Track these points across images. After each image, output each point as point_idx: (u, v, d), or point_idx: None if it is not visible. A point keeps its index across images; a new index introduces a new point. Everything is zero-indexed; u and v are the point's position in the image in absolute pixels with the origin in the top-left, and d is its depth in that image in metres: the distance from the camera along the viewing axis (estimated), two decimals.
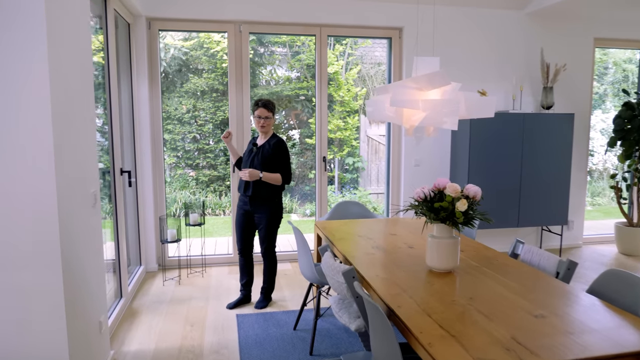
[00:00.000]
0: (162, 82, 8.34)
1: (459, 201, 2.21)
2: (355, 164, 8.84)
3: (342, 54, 8.69)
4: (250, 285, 3.84)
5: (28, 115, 1.95)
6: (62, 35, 2.11)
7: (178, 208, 8.05)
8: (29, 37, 1.91)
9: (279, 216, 3.69)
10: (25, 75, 1.93)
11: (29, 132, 1.96)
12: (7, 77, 1.92)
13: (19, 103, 1.94)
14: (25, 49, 1.91)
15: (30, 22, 1.91)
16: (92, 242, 2.56)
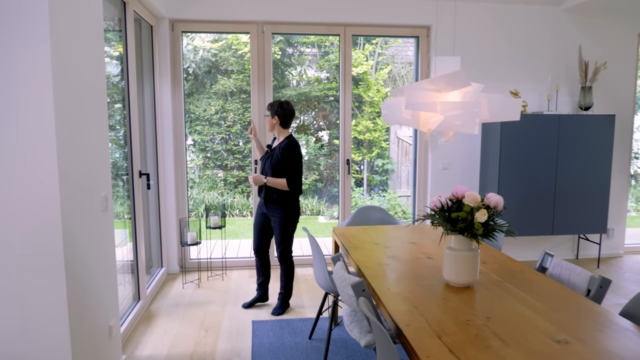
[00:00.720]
0: (192, 84, 8.42)
1: (479, 211, 2.05)
2: (384, 166, 8.67)
3: (372, 54, 8.53)
4: (266, 285, 3.81)
5: (30, 118, 1.93)
6: (69, 36, 2.08)
7: (205, 209, 8.10)
8: (31, 37, 1.88)
9: (293, 220, 3.60)
10: (26, 75, 1.90)
11: (30, 134, 1.94)
12: (9, 77, 1.90)
13: (20, 104, 1.91)
14: (27, 49, 1.89)
15: (33, 23, 1.88)
16: (103, 246, 2.54)
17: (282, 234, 3.58)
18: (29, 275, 2.01)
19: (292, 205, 3.58)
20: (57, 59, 1.95)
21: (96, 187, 2.44)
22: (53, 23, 1.92)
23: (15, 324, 2.03)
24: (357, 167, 8.94)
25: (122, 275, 3.68)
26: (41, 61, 1.90)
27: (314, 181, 8.67)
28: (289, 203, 3.56)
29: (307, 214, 8.36)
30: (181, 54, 4.50)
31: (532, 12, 4.69)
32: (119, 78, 3.51)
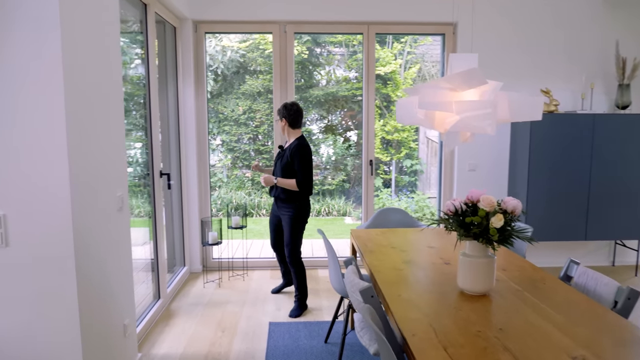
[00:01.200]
0: (221, 84, 8.52)
1: (495, 216, 1.95)
2: (413, 167, 8.52)
3: (401, 53, 8.39)
4: (289, 274, 4.08)
5: (40, 119, 1.95)
6: (83, 35, 2.10)
7: (232, 208, 8.16)
8: (42, 36, 1.91)
9: (302, 219, 3.65)
10: (36, 76, 1.93)
11: (40, 136, 1.96)
12: (19, 77, 1.93)
13: (29, 105, 1.94)
14: (37, 49, 1.91)
15: (45, 22, 1.90)
16: (118, 245, 2.56)
17: (290, 232, 3.63)
18: (40, 275, 2.04)
19: (300, 205, 3.61)
20: (68, 59, 1.97)
21: (111, 187, 2.46)
22: (64, 23, 1.94)
23: (26, 322, 2.06)
24: (386, 167, 8.82)
25: (145, 273, 3.73)
26: (51, 62, 1.92)
27: (341, 182, 8.61)
28: (298, 202, 3.60)
29: (334, 215, 8.31)
30: (204, 55, 4.53)
31: (565, 6, 4.49)
32: (146, 80, 3.55)
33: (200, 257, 4.64)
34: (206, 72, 4.55)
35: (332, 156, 8.64)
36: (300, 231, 3.66)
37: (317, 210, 8.29)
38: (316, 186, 8.57)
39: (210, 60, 7.89)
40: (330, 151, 8.74)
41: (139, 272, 3.79)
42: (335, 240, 6.49)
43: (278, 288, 4.10)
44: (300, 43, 8.08)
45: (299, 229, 3.65)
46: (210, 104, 8.22)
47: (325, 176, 8.74)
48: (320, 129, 8.85)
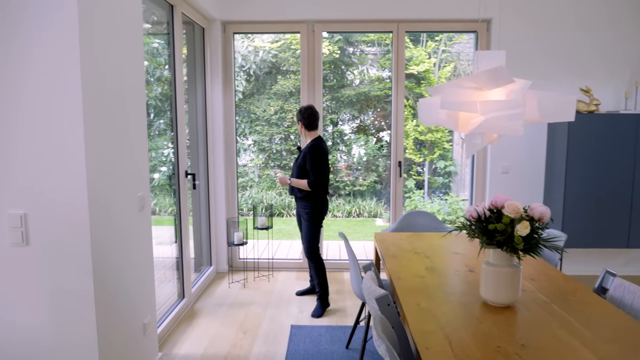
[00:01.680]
0: (253, 85, 8.57)
1: (520, 223, 1.83)
2: (447, 168, 8.32)
3: (435, 51, 8.20)
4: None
5: (58, 120, 1.97)
6: (102, 35, 2.11)
7: (263, 208, 8.20)
8: (60, 36, 1.93)
9: (318, 217, 3.73)
10: (55, 75, 1.95)
11: (57, 136, 1.98)
12: (37, 77, 1.95)
13: (48, 106, 1.96)
14: (55, 48, 1.93)
15: (63, 21, 1.92)
16: (139, 244, 2.57)
17: (307, 229, 3.74)
18: (58, 273, 2.06)
19: (316, 203, 3.70)
20: (86, 59, 1.99)
21: (132, 187, 2.47)
22: (83, 22, 1.95)
23: (44, 320, 2.09)
24: (419, 168, 8.66)
25: (172, 272, 3.77)
26: (69, 63, 1.94)
27: (373, 182, 8.50)
28: (313, 200, 3.70)
29: (365, 216, 8.21)
30: (232, 55, 4.54)
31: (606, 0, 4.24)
32: (172, 80, 3.58)
33: (226, 257, 4.65)
34: (237, 73, 4.59)
35: (363, 157, 8.55)
36: (317, 228, 3.76)
37: (347, 211, 8.21)
38: (347, 187, 8.49)
39: (243, 60, 7.95)
40: (361, 151, 8.65)
41: (166, 270, 3.84)
42: (365, 242, 6.40)
43: (304, 290, 4.07)
44: (331, 42, 8.03)
45: (316, 226, 3.75)
46: (243, 104, 8.28)
47: (357, 177, 8.65)
48: (352, 129, 8.77)
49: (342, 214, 8.18)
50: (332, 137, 8.61)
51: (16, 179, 2.01)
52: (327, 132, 8.54)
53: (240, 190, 8.48)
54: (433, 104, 2.18)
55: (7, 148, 1.99)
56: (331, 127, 8.56)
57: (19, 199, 2.02)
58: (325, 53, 7.92)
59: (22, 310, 2.09)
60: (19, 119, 1.97)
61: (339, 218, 8.11)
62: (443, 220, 7.86)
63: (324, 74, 8.30)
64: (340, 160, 8.70)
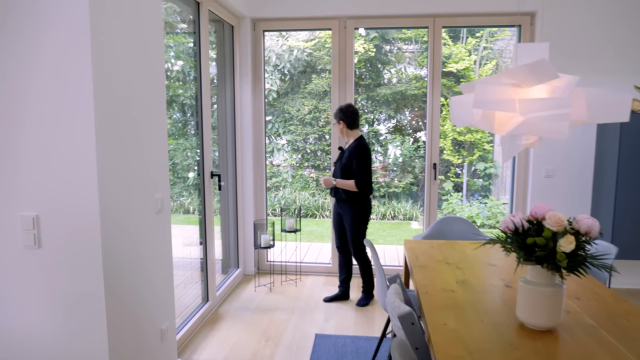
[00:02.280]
0: (288, 84, 8.49)
1: (564, 238, 1.61)
2: (487, 170, 7.97)
3: (476, 49, 7.87)
4: (347, 282, 3.94)
5: (67, 118, 1.90)
6: (116, 33, 2.03)
7: (295, 209, 8.09)
8: (71, 33, 1.86)
9: (363, 218, 3.71)
10: (65, 74, 1.88)
11: (69, 135, 1.92)
12: (46, 76, 1.89)
13: (57, 104, 1.90)
14: (66, 46, 1.86)
15: (73, 17, 1.85)
16: (157, 247, 2.50)
17: (353, 231, 3.72)
18: (69, 277, 2.00)
19: (361, 204, 3.68)
20: (98, 57, 1.91)
21: (149, 188, 2.40)
22: (94, 19, 1.87)
23: (54, 324, 2.04)
24: (457, 170, 8.34)
25: (199, 274, 3.71)
26: (79, 61, 1.87)
27: (409, 184, 8.25)
28: (358, 202, 3.67)
29: (399, 219, 7.97)
30: (262, 54, 4.44)
31: None
32: (197, 80, 3.51)
33: (254, 260, 4.56)
34: (271, 72, 4.48)
35: (399, 157, 8.31)
36: (363, 229, 3.73)
37: (382, 214, 8.00)
38: (382, 188, 8.28)
39: (277, 59, 7.88)
40: (397, 152, 8.42)
41: (194, 271, 3.78)
42: (399, 247, 6.18)
43: (331, 297, 3.93)
44: (367, 40, 7.83)
45: (362, 227, 3.73)
46: (277, 103, 8.21)
47: (392, 178, 8.42)
48: (387, 129, 8.55)
49: (376, 216, 7.98)
50: (368, 137, 8.41)
51: (27, 181, 1.96)
52: (362, 132, 8.35)
53: (273, 190, 8.42)
54: (466, 102, 1.98)
55: (18, 149, 1.94)
56: (366, 127, 8.37)
57: (30, 201, 1.97)
58: (360, 51, 7.74)
59: (34, 314, 2.04)
60: (27, 120, 1.92)
61: (372, 220, 7.91)
62: (482, 225, 7.52)
63: (360, 72, 8.12)
64: (375, 161, 8.50)
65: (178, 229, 3.94)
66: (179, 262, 4.65)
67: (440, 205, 7.82)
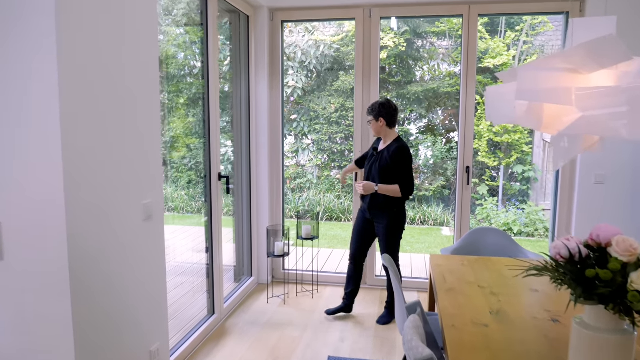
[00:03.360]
0: (314, 81, 8.16)
1: (638, 272, 1.21)
2: (525, 174, 7.42)
3: (515, 43, 7.33)
4: (354, 296, 3.61)
5: (29, 117, 1.63)
6: (98, 22, 1.75)
7: (320, 212, 7.76)
8: (34, 23, 1.58)
9: (399, 227, 3.38)
10: (27, 70, 1.60)
11: (33, 135, 1.64)
12: (11, 71, 1.62)
13: (19, 101, 1.62)
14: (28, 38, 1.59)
15: (38, 13, 1.57)
16: (145, 259, 2.21)
17: (388, 241, 3.36)
18: (34, 294, 1.73)
19: (399, 211, 3.35)
20: (67, 48, 1.62)
21: (135, 193, 2.11)
22: (62, 15, 1.59)
23: (16, 349, 1.77)
24: (493, 173, 7.82)
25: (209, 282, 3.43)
26: (45, 47, 1.59)
27: (440, 187, 7.79)
28: (397, 208, 3.32)
29: (430, 224, 7.52)
30: (280, 46, 4.12)
31: None
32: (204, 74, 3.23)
33: (268, 268, 4.25)
34: (291, 67, 4.16)
35: (430, 159, 7.86)
36: (399, 239, 3.41)
37: (411, 218, 7.57)
38: None
39: (303, 55, 7.56)
40: (429, 153, 7.96)
41: (204, 279, 3.50)
42: (427, 256, 5.75)
43: (335, 310, 3.56)
44: (397, 34, 7.42)
45: (398, 237, 3.40)
46: (302, 101, 7.90)
47: (423, 181, 7.98)
48: (418, 129, 8.10)
49: None
50: None
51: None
52: None
53: (298, 192, 8.11)
54: (506, 93, 1.59)
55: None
56: (396, 127, 7.94)
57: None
58: (389, 46, 7.34)
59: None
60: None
61: None
62: (519, 233, 6.99)
63: (390, 69, 7.71)
64: None
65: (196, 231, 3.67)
66: (190, 269, 4.40)
67: (474, 210, 7.32)
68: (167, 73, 4.89)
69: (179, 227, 6.20)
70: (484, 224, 7.15)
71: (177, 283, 4.27)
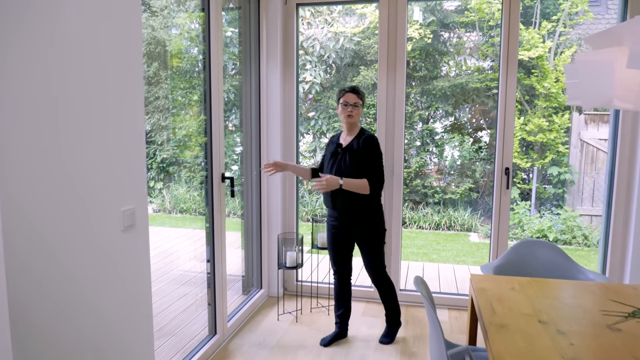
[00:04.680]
0: (333, 77, 7.73)
1: None
2: (561, 176, 6.87)
3: (551, 34, 6.77)
4: (346, 318, 3.14)
5: None
6: None
7: None
8: None
9: (381, 229, 2.93)
10: None
11: None
12: None
13: None
14: None
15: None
16: (124, 277, 1.82)
17: (373, 248, 2.90)
18: None
19: (378, 211, 2.91)
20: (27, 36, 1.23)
21: (109, 199, 1.71)
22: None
23: None
24: (525, 175, 7.26)
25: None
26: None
27: (467, 190, 7.27)
28: (375, 208, 2.88)
29: (456, 230, 7.02)
30: (295, 33, 3.70)
31: None
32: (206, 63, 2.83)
33: (279, 279, 3.83)
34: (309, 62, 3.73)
35: (457, 159, 7.35)
36: (383, 243, 2.95)
37: (436, 223, 7.07)
38: (437, 194, 7.34)
39: (322, 49, 7.14)
40: (455, 153, 7.45)
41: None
42: (456, 266, 5.26)
43: (331, 339, 3.04)
44: (423, 25, 6.93)
45: (382, 240, 2.94)
46: (320, 98, 7.47)
47: (449, 183, 7.47)
48: (444, 128, 7.60)
49: (429, 226, 7.05)
50: (421, 136, 7.51)
51: None
52: (415, 131, 7.47)
53: (315, 193, 7.69)
54: (600, 65, 1.12)
55: None
56: (420, 125, 7.46)
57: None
58: (414, 37, 6.85)
59: None
60: None
61: (425, 230, 7.00)
62: (555, 240, 6.43)
63: (414, 63, 7.23)
64: (429, 163, 7.58)
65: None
66: (195, 278, 4.02)
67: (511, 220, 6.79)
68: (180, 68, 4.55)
69: (189, 231, 5.85)
70: (515, 230, 6.62)
71: (181, 294, 3.90)
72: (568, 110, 6.89)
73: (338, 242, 3.00)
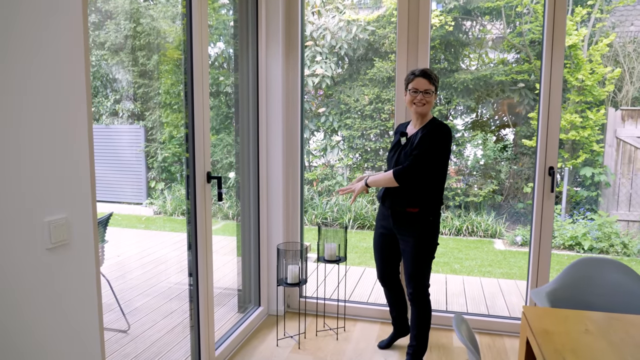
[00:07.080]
0: (345, 69, 7.21)
1: None
2: (595, 177, 6.26)
3: (585, 21, 6.17)
4: (403, 317, 2.84)
5: None
6: None
7: (350, 219, 6.78)
8: None
9: (432, 242, 2.50)
10: None
11: None
12: None
13: None
14: None
15: None
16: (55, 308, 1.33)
17: (416, 261, 2.49)
18: None
19: (433, 219, 2.47)
20: None
21: (27, 208, 1.22)
22: None
23: None
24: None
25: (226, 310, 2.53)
26: None
27: (491, 192, 6.68)
28: (430, 215, 2.45)
29: (479, 235, 6.44)
30: (300, 14, 3.18)
31: None
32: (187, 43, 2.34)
33: (280, 295, 3.32)
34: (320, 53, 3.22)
35: (480, 159, 6.76)
36: (431, 258, 2.54)
37: (456, 228, 6.51)
38: (457, 197, 6.77)
39: (333, 39, 6.62)
40: (478, 153, 6.86)
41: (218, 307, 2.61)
42: (483, 280, 4.68)
43: (387, 341, 2.85)
44: (444, 12, 6.38)
45: (430, 255, 2.52)
46: (331, 92, 6.96)
47: (470, 185, 6.89)
48: (465, 125, 7.03)
49: (449, 232, 6.49)
50: None
51: None
52: None
53: (325, 195, 7.18)
54: None
55: None
56: None
57: None
58: (435, 25, 6.30)
59: None
60: None
61: (445, 236, 6.43)
62: (590, 249, 5.82)
63: (433, 54, 6.67)
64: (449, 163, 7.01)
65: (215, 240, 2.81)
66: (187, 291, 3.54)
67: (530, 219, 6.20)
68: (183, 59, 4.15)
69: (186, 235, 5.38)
70: None
71: (169, 310, 3.42)
72: (603, 105, 6.28)
73: (385, 249, 2.68)
